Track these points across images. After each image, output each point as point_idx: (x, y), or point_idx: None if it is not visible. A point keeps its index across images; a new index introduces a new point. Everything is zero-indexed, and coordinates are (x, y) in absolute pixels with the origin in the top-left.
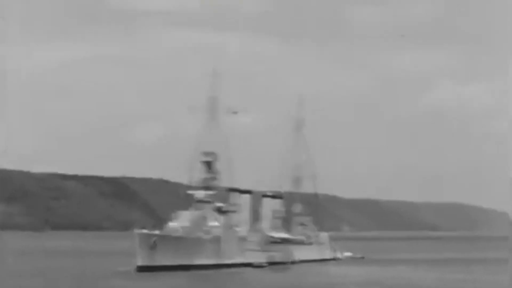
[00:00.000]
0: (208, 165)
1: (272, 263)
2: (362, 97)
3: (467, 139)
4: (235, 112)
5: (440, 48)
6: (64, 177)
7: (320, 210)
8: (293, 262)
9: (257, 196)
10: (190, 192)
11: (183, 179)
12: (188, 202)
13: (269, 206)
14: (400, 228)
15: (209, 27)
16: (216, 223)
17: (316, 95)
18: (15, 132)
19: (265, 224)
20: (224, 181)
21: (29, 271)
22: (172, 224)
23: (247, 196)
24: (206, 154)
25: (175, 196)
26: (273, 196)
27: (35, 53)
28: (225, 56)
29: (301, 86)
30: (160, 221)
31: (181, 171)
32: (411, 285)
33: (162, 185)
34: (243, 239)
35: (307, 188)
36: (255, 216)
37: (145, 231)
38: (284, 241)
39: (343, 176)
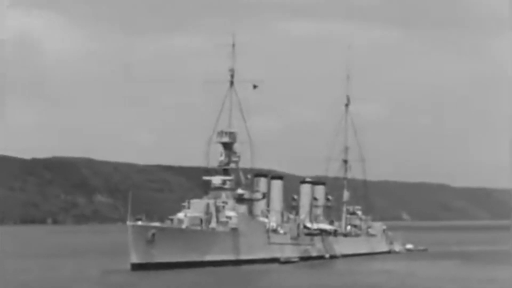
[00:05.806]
0: (226, 146)
1: (305, 258)
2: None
3: None
4: (255, 86)
5: None
6: (168, 168)
7: (370, 197)
8: (332, 257)
9: (293, 182)
10: (206, 178)
11: (296, 170)
12: (204, 189)
13: (309, 194)
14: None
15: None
16: (233, 213)
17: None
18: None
19: (302, 214)
20: (250, 165)
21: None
22: (179, 215)
23: (278, 182)
24: (223, 134)
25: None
26: (313, 182)
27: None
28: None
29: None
30: None
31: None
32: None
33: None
34: (271, 231)
35: (356, 173)
36: (289, 204)
37: (140, 223)
38: (322, 232)
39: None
